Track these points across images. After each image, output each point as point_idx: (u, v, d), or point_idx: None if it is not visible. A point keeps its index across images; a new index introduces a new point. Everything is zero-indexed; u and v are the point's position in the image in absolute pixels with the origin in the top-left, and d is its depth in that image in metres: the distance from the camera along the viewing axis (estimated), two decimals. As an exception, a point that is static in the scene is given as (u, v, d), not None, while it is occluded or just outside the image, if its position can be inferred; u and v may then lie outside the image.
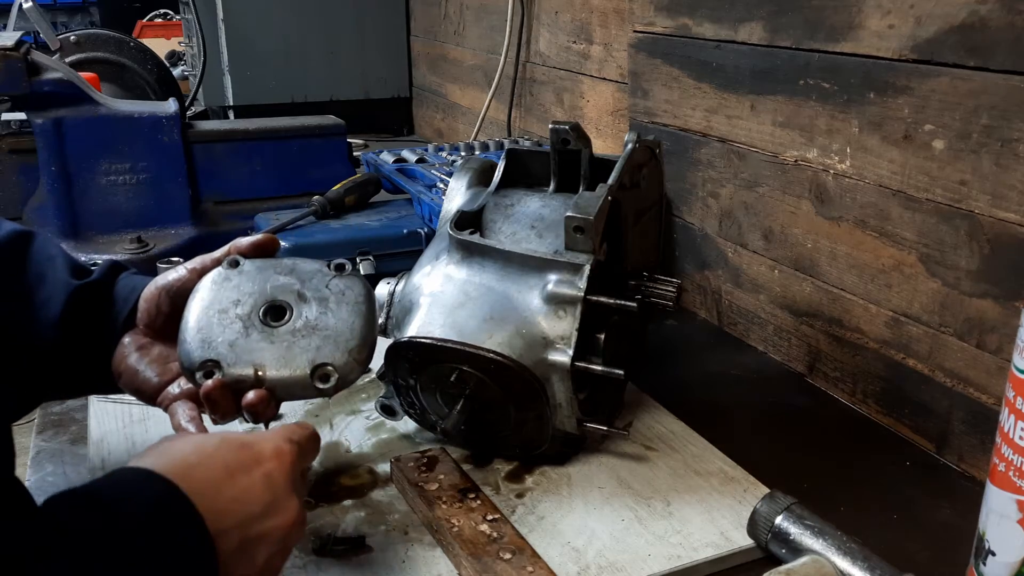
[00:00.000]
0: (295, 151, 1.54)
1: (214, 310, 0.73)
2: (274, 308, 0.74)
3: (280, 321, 0.74)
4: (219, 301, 0.74)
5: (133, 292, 0.79)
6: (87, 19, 5.26)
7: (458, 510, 0.76)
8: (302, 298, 0.75)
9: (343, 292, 0.76)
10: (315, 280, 0.76)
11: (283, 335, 0.73)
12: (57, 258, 0.79)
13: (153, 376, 0.77)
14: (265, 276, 0.76)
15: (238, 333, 0.72)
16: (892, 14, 0.88)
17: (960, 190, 0.83)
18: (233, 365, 0.71)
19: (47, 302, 0.76)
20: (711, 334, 1.22)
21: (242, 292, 0.75)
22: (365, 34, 2.38)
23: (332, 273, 0.77)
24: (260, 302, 0.74)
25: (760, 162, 1.10)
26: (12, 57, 1.28)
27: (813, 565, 0.67)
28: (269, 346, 0.72)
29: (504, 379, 0.79)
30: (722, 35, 1.13)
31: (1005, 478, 0.60)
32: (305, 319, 0.74)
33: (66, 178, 1.37)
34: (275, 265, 0.77)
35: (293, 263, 0.78)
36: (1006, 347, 0.81)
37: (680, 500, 0.80)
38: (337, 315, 0.74)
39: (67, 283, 0.77)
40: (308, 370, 0.71)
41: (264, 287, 0.75)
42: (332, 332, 0.73)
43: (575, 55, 1.60)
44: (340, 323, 0.74)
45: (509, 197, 0.92)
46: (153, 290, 0.78)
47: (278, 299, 0.75)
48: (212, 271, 0.76)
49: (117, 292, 0.80)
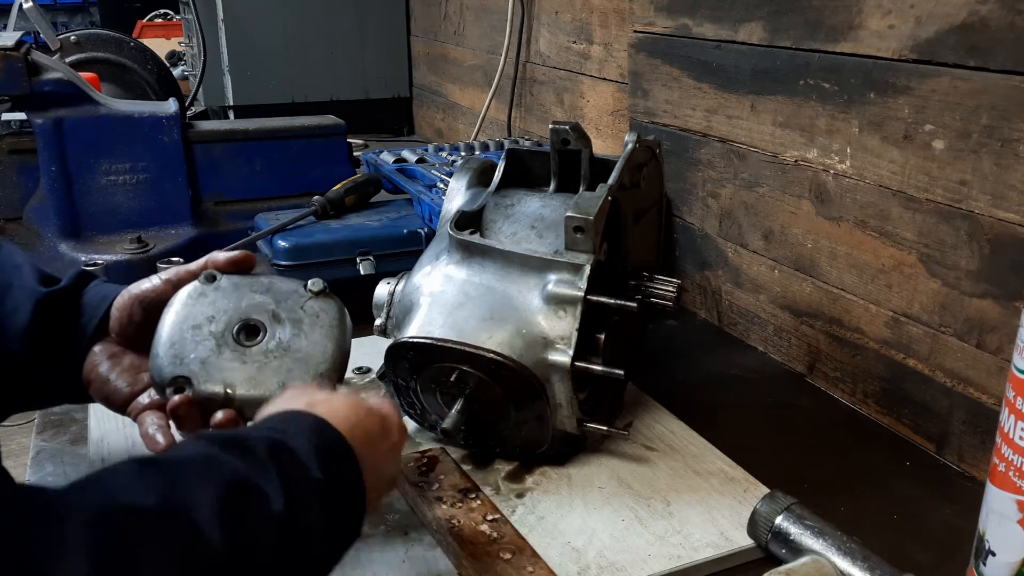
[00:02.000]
0: (295, 151, 1.53)
1: (188, 325, 0.73)
2: (248, 327, 0.74)
3: (253, 341, 0.74)
4: (193, 317, 0.74)
5: (104, 300, 0.78)
6: (87, 19, 5.26)
7: (458, 510, 0.76)
8: (276, 318, 0.75)
9: (317, 315, 0.76)
10: (290, 301, 0.76)
11: (255, 355, 0.73)
12: (23, 267, 0.78)
13: (124, 386, 0.77)
14: (240, 294, 0.76)
15: (210, 351, 0.73)
16: (892, 14, 0.88)
17: (960, 190, 0.83)
18: (204, 383, 0.72)
19: (15, 311, 0.75)
20: (711, 334, 1.22)
21: (217, 309, 0.75)
22: (365, 34, 2.38)
23: (308, 294, 0.77)
24: (234, 320, 0.74)
25: (760, 162, 1.10)
26: (12, 57, 1.28)
27: (813, 565, 0.67)
28: (240, 366, 0.73)
29: (504, 379, 0.79)
30: (722, 35, 1.13)
31: (1005, 478, 0.60)
32: (278, 340, 0.74)
33: (66, 178, 1.37)
34: (251, 283, 0.77)
35: (270, 281, 0.78)
36: (1006, 347, 0.81)
37: (680, 500, 0.80)
38: (310, 338, 0.75)
39: (34, 291, 0.76)
40: (276, 392, 0.71)
41: (239, 305, 0.75)
42: (303, 355, 0.74)
43: (575, 55, 1.60)
44: (312, 346, 0.74)
45: (509, 197, 0.92)
46: (126, 299, 0.78)
47: (252, 318, 0.75)
48: (188, 285, 0.76)
49: (87, 300, 0.79)
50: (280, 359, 0.73)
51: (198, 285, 0.76)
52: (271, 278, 0.79)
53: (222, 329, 0.74)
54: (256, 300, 0.76)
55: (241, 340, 0.74)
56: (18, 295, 0.76)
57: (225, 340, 0.73)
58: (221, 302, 0.75)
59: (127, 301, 0.78)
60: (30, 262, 0.80)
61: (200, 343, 0.73)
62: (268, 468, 0.53)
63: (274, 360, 0.73)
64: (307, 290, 0.77)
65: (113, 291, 0.79)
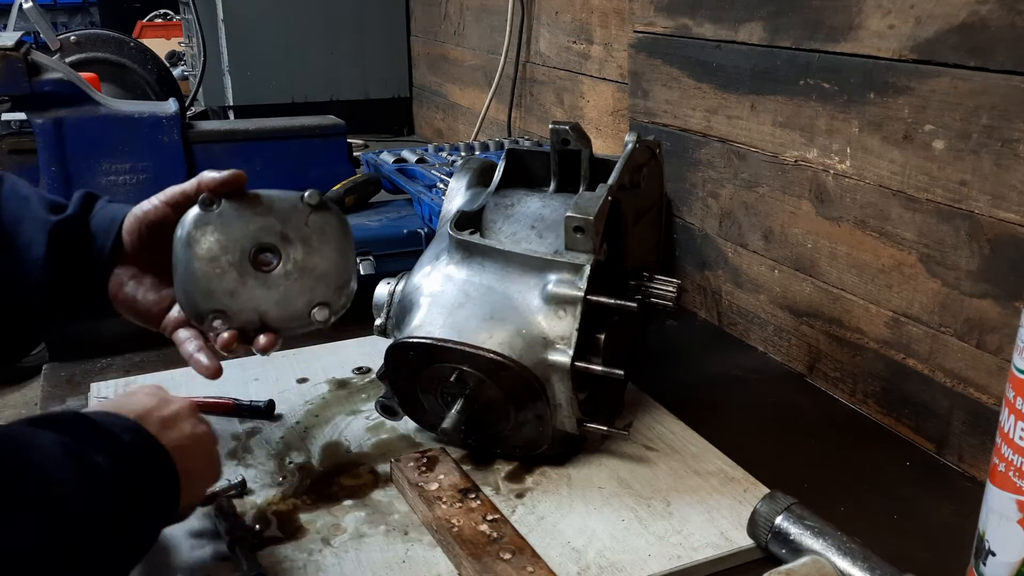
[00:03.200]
0: (295, 151, 1.53)
1: (206, 259, 0.76)
2: (262, 250, 0.78)
3: (271, 265, 0.78)
4: (209, 249, 0.76)
5: (113, 223, 0.81)
6: (87, 19, 5.26)
7: (458, 510, 0.76)
8: (285, 239, 0.78)
9: (323, 229, 0.79)
10: (294, 218, 0.79)
11: (277, 279, 0.77)
12: (31, 198, 0.81)
13: (151, 304, 0.82)
14: (244, 218, 0.78)
15: (235, 282, 0.77)
16: (892, 14, 0.88)
17: (960, 190, 0.83)
18: (239, 314, 0.77)
19: (30, 244, 0.78)
20: (711, 334, 1.22)
21: (228, 238, 0.77)
22: (365, 34, 2.37)
23: (307, 208, 0.79)
24: (247, 247, 0.77)
25: (760, 162, 1.10)
26: (12, 57, 1.28)
27: (813, 565, 0.67)
28: (267, 292, 0.77)
29: (504, 379, 0.79)
30: (722, 35, 1.13)
31: (1005, 478, 0.60)
32: (294, 260, 0.78)
33: (66, 178, 1.37)
34: (252, 204, 0.79)
35: (269, 200, 0.79)
36: (1006, 347, 0.81)
37: (680, 500, 0.80)
38: (321, 253, 0.79)
39: (46, 221, 0.79)
40: (306, 310, 0.78)
41: (248, 230, 0.77)
42: (321, 272, 0.78)
43: (575, 55, 1.60)
44: (326, 262, 0.79)
45: (509, 197, 0.92)
46: (132, 222, 0.81)
47: (263, 241, 0.78)
48: (189, 212, 0.78)
49: (96, 224, 0.82)
50: (300, 279, 0.78)
51: (200, 212, 0.77)
52: (267, 194, 0.80)
53: (239, 258, 0.77)
54: (261, 223, 0.78)
55: (260, 266, 0.77)
56: (30, 227, 0.79)
57: (245, 268, 0.77)
58: (229, 230, 0.77)
59: (133, 224, 0.81)
60: (36, 191, 0.83)
61: (224, 275, 0.76)
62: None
63: (296, 281, 0.78)
64: (304, 203, 0.79)
65: (119, 212, 0.82)
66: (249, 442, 0.90)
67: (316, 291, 0.78)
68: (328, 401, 0.98)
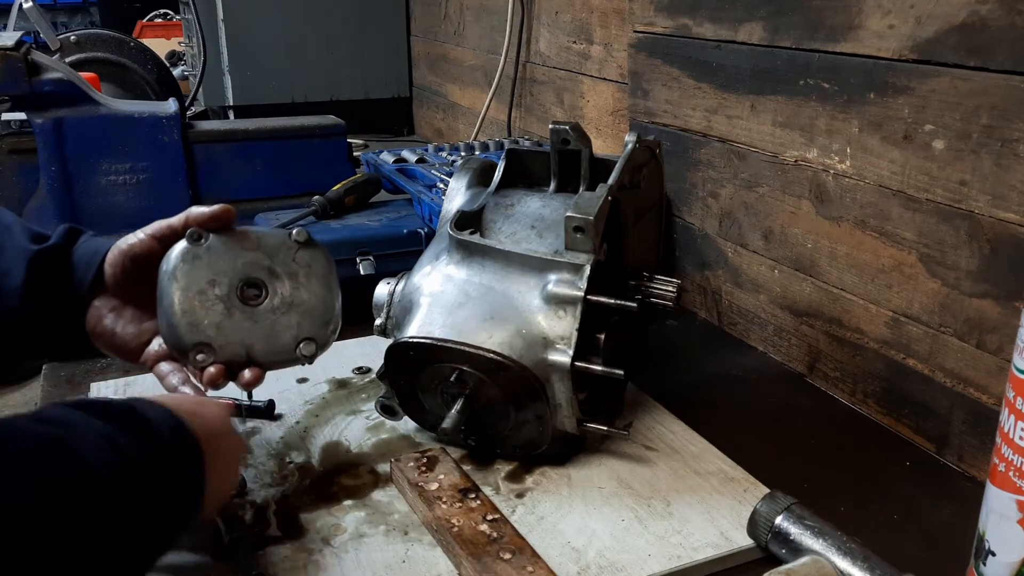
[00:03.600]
0: (295, 151, 1.53)
1: (193, 291, 0.76)
2: (249, 284, 0.78)
3: (258, 299, 0.78)
4: (196, 282, 0.76)
5: (96, 255, 0.80)
6: (87, 19, 5.26)
7: (458, 510, 0.76)
8: (273, 274, 0.79)
9: (309, 265, 0.80)
10: (281, 254, 0.80)
11: (264, 314, 0.78)
12: (14, 226, 0.81)
13: (130, 338, 0.81)
14: (233, 253, 0.78)
15: (222, 315, 0.76)
16: (892, 14, 0.88)
17: (960, 190, 0.83)
18: (224, 347, 0.76)
19: (8, 272, 0.78)
20: (711, 334, 1.22)
21: (215, 271, 0.77)
22: (365, 34, 2.38)
23: (295, 245, 0.80)
24: (235, 281, 0.77)
25: (760, 162, 1.10)
26: (12, 57, 1.28)
27: (813, 565, 0.67)
28: (254, 326, 0.77)
29: (504, 379, 0.79)
30: (722, 35, 1.13)
31: (1005, 478, 0.60)
32: (281, 296, 0.78)
33: (66, 178, 1.37)
34: (240, 239, 0.79)
35: (257, 236, 0.80)
36: (1006, 347, 0.81)
37: (680, 500, 0.80)
38: (309, 289, 0.79)
39: (26, 250, 0.78)
40: (293, 345, 0.78)
41: (235, 264, 0.78)
42: (308, 307, 0.79)
43: (575, 55, 1.60)
44: (313, 297, 0.80)
45: (509, 197, 0.92)
46: (116, 255, 0.80)
47: (251, 276, 0.78)
48: (177, 246, 0.77)
49: (79, 256, 0.81)
50: (288, 314, 0.78)
51: (188, 246, 0.77)
52: (255, 231, 0.81)
53: (226, 291, 0.77)
54: (249, 257, 0.78)
55: (247, 300, 0.77)
56: (10, 255, 0.78)
57: (232, 302, 0.77)
58: (217, 263, 0.77)
59: (117, 257, 0.80)
60: (20, 220, 0.82)
61: (210, 308, 0.76)
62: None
63: (283, 316, 0.78)
64: (293, 240, 0.80)
65: (103, 245, 0.81)
66: (249, 442, 0.90)
67: (303, 326, 0.78)
68: (328, 401, 0.98)
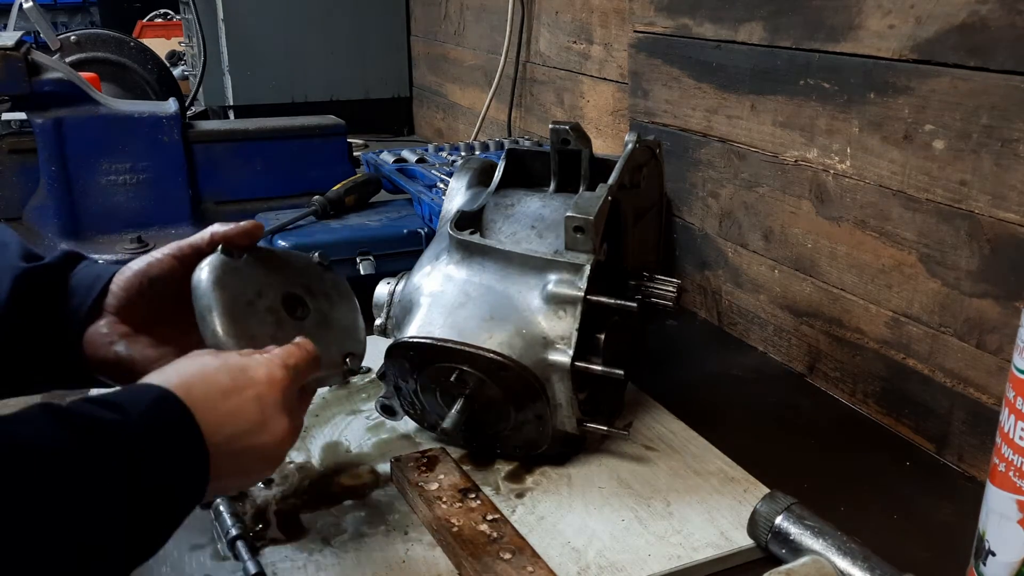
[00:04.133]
0: (295, 151, 1.54)
1: (242, 302, 0.73)
2: (291, 301, 0.77)
3: (302, 314, 0.77)
4: (243, 293, 0.73)
5: (98, 280, 0.74)
6: (87, 19, 5.26)
7: (458, 510, 0.76)
8: (310, 291, 0.79)
9: (336, 286, 0.81)
10: (311, 273, 0.80)
11: (310, 328, 0.76)
12: (10, 244, 0.75)
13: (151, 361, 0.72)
14: (268, 269, 0.77)
15: (274, 326, 0.74)
16: (892, 14, 0.88)
17: (960, 190, 0.83)
18: None
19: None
20: (711, 334, 1.22)
21: (260, 284, 0.75)
22: (365, 34, 2.38)
23: (319, 268, 0.81)
24: (278, 294, 0.76)
25: (760, 162, 1.10)
26: (12, 57, 1.28)
27: (813, 565, 0.67)
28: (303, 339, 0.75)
29: (504, 379, 0.79)
30: (722, 35, 1.13)
31: (1005, 478, 0.60)
32: (323, 313, 0.78)
33: (66, 178, 1.37)
34: (272, 257, 0.79)
35: (286, 256, 0.80)
36: (1006, 347, 0.81)
37: (680, 500, 0.80)
38: (339, 309, 0.80)
39: (14, 267, 0.72)
40: (340, 359, 0.77)
41: (276, 279, 0.77)
42: (344, 326, 0.79)
43: (575, 55, 1.60)
44: (346, 317, 0.80)
45: (509, 197, 0.92)
46: (130, 277, 0.74)
47: (291, 291, 0.77)
48: (211, 259, 0.74)
49: (78, 279, 0.75)
50: (329, 330, 0.78)
51: (226, 259, 0.74)
52: (284, 252, 0.81)
53: (272, 304, 0.75)
54: (285, 274, 0.78)
55: (292, 314, 0.76)
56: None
57: (281, 315, 0.75)
58: (259, 277, 0.75)
59: (132, 279, 0.74)
60: (20, 240, 0.76)
61: (263, 320, 0.73)
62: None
63: (327, 331, 0.77)
64: (317, 262, 0.81)
65: (105, 271, 0.76)
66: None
67: (346, 343, 0.78)
68: (328, 401, 0.98)
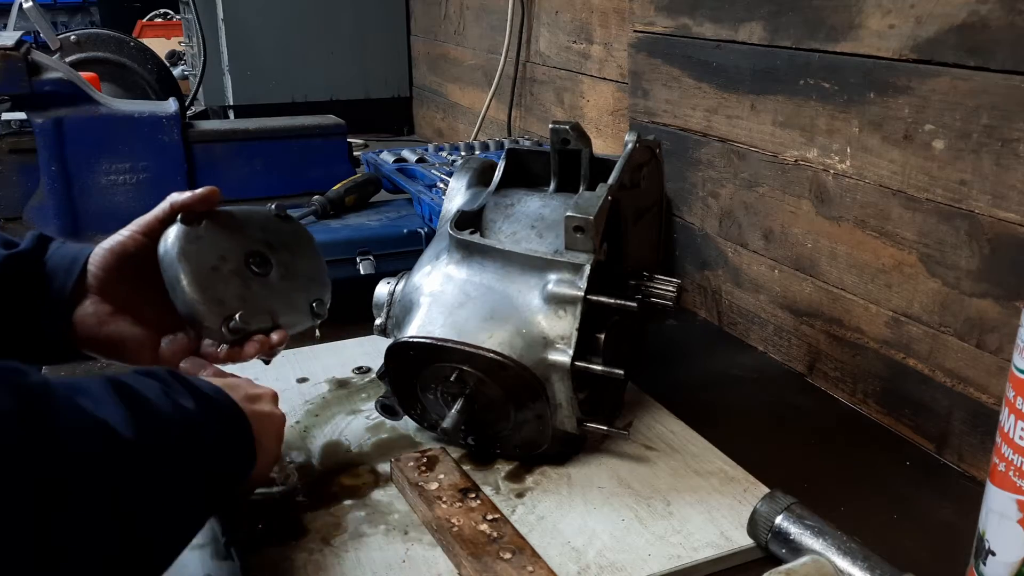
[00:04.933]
0: (295, 151, 1.53)
1: (206, 269, 0.77)
2: (253, 256, 0.80)
3: (265, 270, 0.81)
4: (207, 260, 0.77)
5: (75, 262, 0.77)
6: (87, 19, 5.25)
7: (458, 510, 0.76)
8: (270, 246, 0.82)
9: (295, 236, 0.86)
10: (270, 228, 0.84)
11: (276, 282, 0.81)
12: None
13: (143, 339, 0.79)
14: (230, 230, 0.80)
15: (241, 287, 0.78)
16: (892, 14, 0.88)
17: (960, 190, 0.83)
18: (252, 316, 0.78)
19: None
20: (711, 334, 1.22)
21: (222, 248, 0.79)
22: (365, 34, 2.37)
23: (278, 220, 0.85)
24: (240, 255, 0.80)
25: (760, 162, 1.10)
26: (12, 57, 1.28)
27: (813, 565, 0.67)
28: (271, 293, 0.81)
29: (504, 379, 0.79)
30: (722, 35, 1.13)
31: (1005, 478, 0.60)
32: (285, 265, 0.82)
33: (66, 178, 1.37)
34: (228, 219, 0.81)
35: (245, 215, 0.83)
36: (1006, 347, 0.81)
37: (680, 500, 0.80)
38: (303, 259, 0.85)
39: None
40: (307, 307, 0.83)
41: (237, 240, 0.80)
42: (309, 275, 0.85)
43: (575, 55, 1.60)
44: (309, 266, 0.85)
45: (509, 197, 0.92)
46: (105, 256, 0.77)
47: (253, 248, 0.81)
48: (172, 230, 0.77)
49: (54, 263, 0.77)
50: (294, 280, 0.83)
51: (187, 228, 0.77)
52: (242, 210, 0.83)
53: (236, 266, 0.79)
54: (245, 233, 0.81)
55: (256, 271, 0.80)
56: None
57: (246, 274, 0.79)
58: (221, 241, 0.79)
59: (107, 258, 0.77)
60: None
61: (229, 283, 0.78)
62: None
63: (291, 282, 0.82)
64: (274, 215, 0.85)
65: (80, 253, 0.78)
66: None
67: (311, 290, 0.84)
68: (328, 401, 0.98)
